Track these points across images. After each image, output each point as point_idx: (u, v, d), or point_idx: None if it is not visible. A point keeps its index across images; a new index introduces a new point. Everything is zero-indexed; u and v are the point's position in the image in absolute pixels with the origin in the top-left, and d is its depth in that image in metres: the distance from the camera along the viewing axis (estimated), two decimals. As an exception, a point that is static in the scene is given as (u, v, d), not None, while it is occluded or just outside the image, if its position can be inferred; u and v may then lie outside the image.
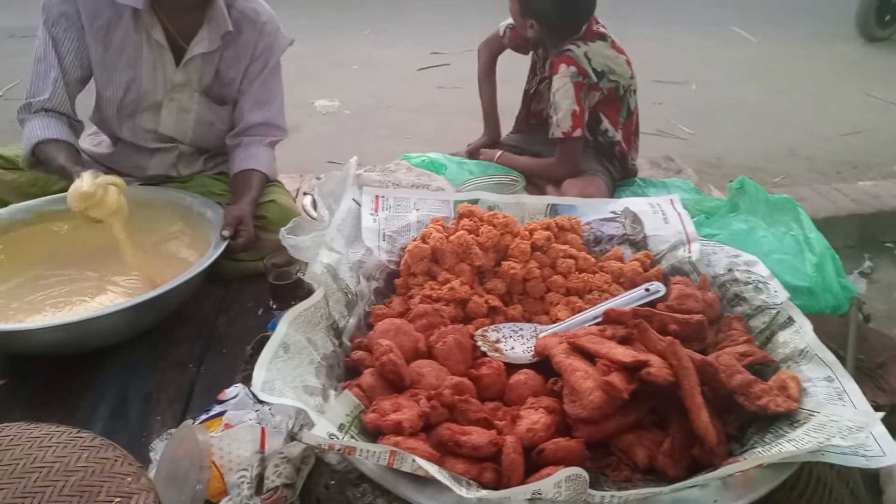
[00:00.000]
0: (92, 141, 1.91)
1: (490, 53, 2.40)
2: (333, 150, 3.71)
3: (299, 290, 1.62)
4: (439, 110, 4.34)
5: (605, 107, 2.08)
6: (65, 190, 1.69)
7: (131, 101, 1.70)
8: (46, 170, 1.71)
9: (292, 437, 1.13)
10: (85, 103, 1.80)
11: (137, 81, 1.68)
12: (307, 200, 2.02)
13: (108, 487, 0.88)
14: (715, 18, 6.58)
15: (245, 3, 1.71)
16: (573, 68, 1.94)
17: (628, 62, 2.09)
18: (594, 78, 1.97)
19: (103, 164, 1.87)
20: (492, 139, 2.42)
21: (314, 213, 1.93)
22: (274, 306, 1.64)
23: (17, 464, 0.91)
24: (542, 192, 2.07)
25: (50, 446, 0.94)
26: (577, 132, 1.99)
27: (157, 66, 1.67)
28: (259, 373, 0.96)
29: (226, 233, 1.56)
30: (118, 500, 0.86)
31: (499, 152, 2.21)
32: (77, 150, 1.70)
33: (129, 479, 0.90)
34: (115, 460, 0.92)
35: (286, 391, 0.96)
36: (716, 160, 3.62)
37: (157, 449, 1.21)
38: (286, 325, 1.08)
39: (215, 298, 1.69)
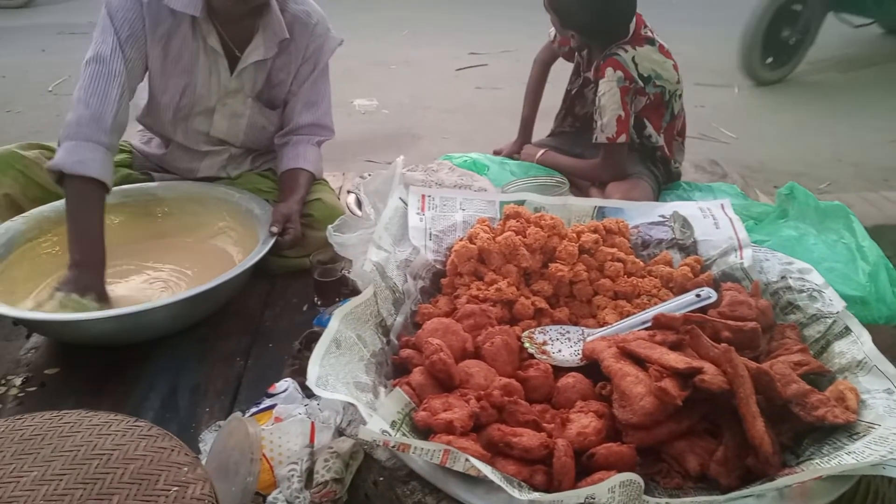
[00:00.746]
0: (141, 138, 1.95)
1: (544, 62, 2.39)
2: (371, 149, 3.73)
3: (344, 288, 1.64)
4: (476, 111, 4.34)
5: (649, 112, 2.06)
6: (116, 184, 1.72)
7: (185, 105, 1.73)
8: (66, 197, 1.58)
9: (340, 432, 1.14)
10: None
11: (192, 87, 1.70)
12: (351, 199, 2.03)
13: (165, 476, 0.89)
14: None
15: (296, 5, 1.73)
16: (620, 73, 1.92)
17: (675, 67, 2.07)
18: (640, 83, 1.95)
19: (155, 164, 1.91)
20: (521, 147, 2.40)
21: (358, 212, 1.94)
22: (319, 303, 1.66)
23: (79, 450, 0.93)
24: (584, 194, 2.05)
25: (109, 434, 0.96)
26: (622, 138, 1.97)
27: (212, 72, 1.70)
28: (313, 368, 0.97)
29: (274, 229, 1.58)
30: (175, 488, 0.88)
31: (542, 150, 2.20)
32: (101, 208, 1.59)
33: (186, 468, 0.91)
34: (172, 450, 0.94)
35: (339, 387, 0.97)
36: (758, 165, 3.55)
37: (206, 440, 1.23)
38: (337, 322, 1.09)
39: (261, 294, 1.72)
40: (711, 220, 1.45)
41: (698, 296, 1.24)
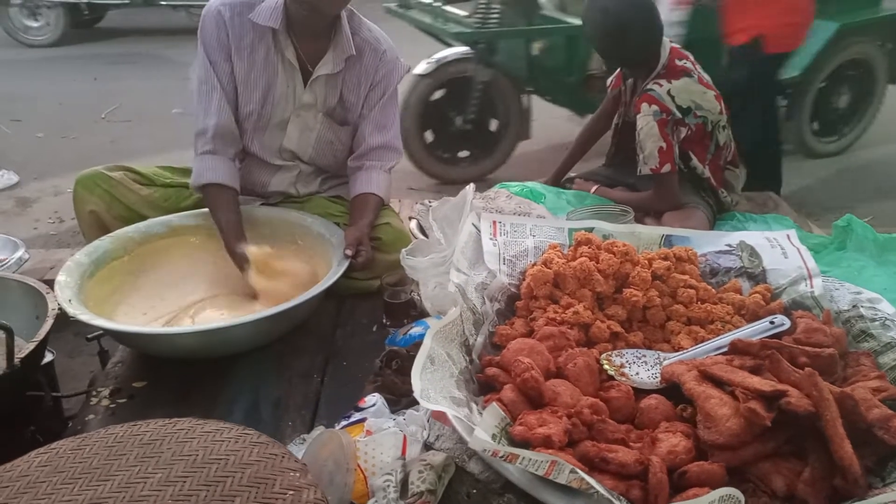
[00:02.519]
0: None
1: (605, 111, 2.44)
2: (413, 178, 3.84)
3: (412, 310, 1.70)
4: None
5: (692, 143, 2.10)
6: (195, 206, 1.89)
7: (265, 114, 1.84)
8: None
9: (427, 446, 1.18)
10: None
11: (272, 97, 1.82)
12: (413, 224, 2.10)
13: (280, 481, 0.94)
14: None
15: (368, 32, 1.85)
16: (655, 107, 1.99)
17: (717, 97, 2.11)
18: (679, 114, 2.00)
19: None
20: (553, 182, 2.43)
21: (421, 236, 2.01)
22: (387, 323, 1.72)
23: (197, 455, 0.99)
24: (641, 224, 2.09)
25: (222, 441, 1.01)
26: (667, 167, 2.02)
27: (288, 84, 1.81)
28: (416, 382, 1.03)
29: (349, 252, 1.65)
30: (291, 492, 0.93)
31: (595, 186, 2.26)
32: (236, 201, 1.83)
33: (297, 474, 0.96)
34: (283, 457, 0.99)
35: (440, 400, 1.02)
36: (799, 198, 3.57)
37: (293, 452, 1.28)
38: (430, 340, 1.15)
39: (331, 314, 1.78)
40: (779, 249, 1.49)
41: (772, 322, 1.28)
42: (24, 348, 1.43)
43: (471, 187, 1.67)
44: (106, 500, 0.91)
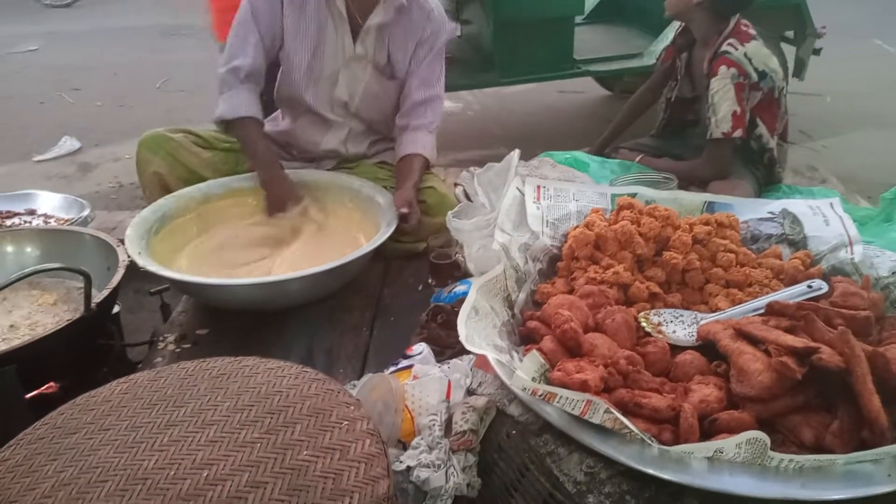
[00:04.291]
0: (271, 125, 2.13)
1: (654, 83, 2.43)
2: (459, 148, 3.89)
3: (456, 271, 1.77)
4: (559, 114, 4.44)
5: (762, 109, 2.08)
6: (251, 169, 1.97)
7: (316, 66, 1.94)
8: (237, 139, 1.98)
9: (470, 392, 1.26)
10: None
11: (321, 48, 1.92)
12: (459, 191, 2.16)
13: (336, 412, 1.03)
14: (855, 30, 6.27)
15: None
16: (734, 70, 1.97)
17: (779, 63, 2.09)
18: (755, 77, 1.98)
19: (282, 145, 2.10)
20: (598, 152, 2.43)
21: (465, 202, 2.07)
22: (433, 283, 1.79)
23: (261, 387, 1.08)
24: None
25: (284, 376, 1.11)
26: (738, 132, 2.01)
27: (338, 36, 1.90)
28: (461, 328, 1.10)
29: (405, 210, 1.73)
30: (346, 422, 1.01)
31: (640, 155, 2.27)
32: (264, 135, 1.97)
33: (352, 407, 1.05)
34: (338, 392, 1.08)
35: (484, 346, 1.09)
36: (850, 174, 3.50)
37: (344, 396, 1.37)
38: (475, 292, 1.22)
39: (378, 274, 1.87)
40: (821, 217, 1.50)
41: (810, 286, 1.30)
42: (98, 295, 1.55)
43: (516, 153, 1.71)
44: (181, 423, 1.01)
